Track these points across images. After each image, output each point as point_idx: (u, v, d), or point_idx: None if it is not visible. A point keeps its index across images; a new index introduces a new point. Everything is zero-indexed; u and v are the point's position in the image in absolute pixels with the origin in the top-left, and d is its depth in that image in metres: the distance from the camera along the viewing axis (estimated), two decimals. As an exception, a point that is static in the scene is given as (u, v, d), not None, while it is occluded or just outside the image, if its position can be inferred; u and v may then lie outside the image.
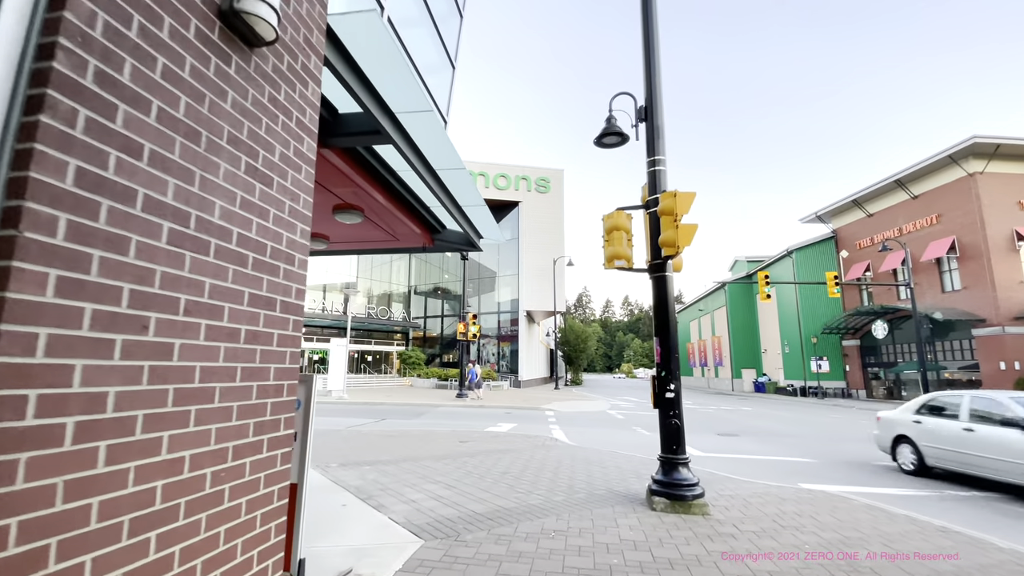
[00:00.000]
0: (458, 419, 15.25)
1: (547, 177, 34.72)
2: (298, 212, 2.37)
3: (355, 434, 10.88)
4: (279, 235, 2.22)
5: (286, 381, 2.25)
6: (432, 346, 38.21)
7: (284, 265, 2.25)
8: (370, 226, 5.89)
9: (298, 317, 2.36)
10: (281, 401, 2.20)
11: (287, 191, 2.29)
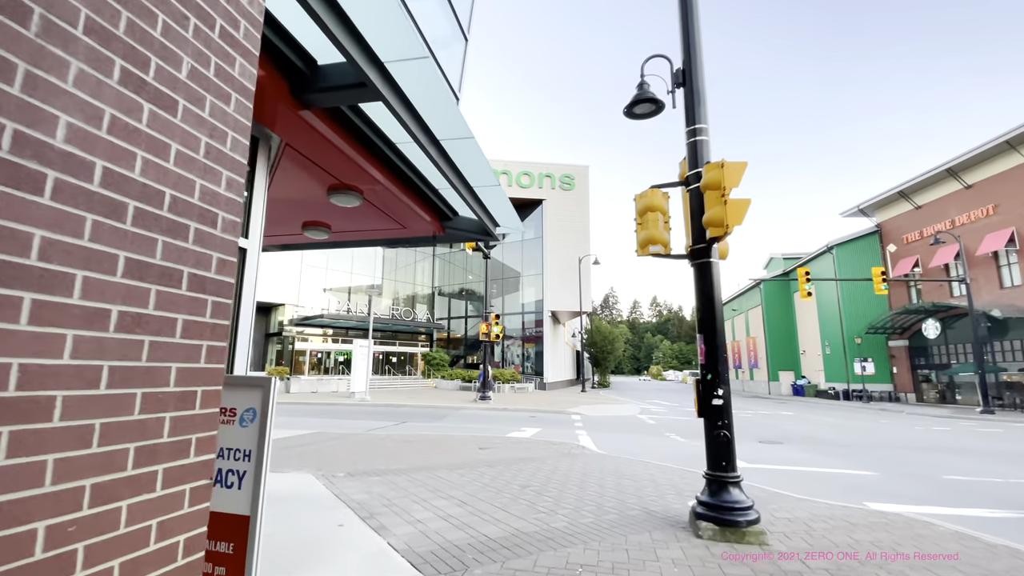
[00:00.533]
0: (480, 423, 14.61)
1: (571, 174, 33.86)
2: (224, 156, 1.74)
3: (371, 439, 10.36)
4: (188, 183, 1.59)
5: (202, 387, 1.61)
6: (456, 347, 37.79)
7: (197, 225, 1.61)
8: (373, 212, 5.29)
9: (225, 299, 1.72)
10: (189, 416, 1.56)
11: (204, 124, 1.65)
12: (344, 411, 17.37)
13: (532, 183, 33.43)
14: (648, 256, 5.01)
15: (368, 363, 22.33)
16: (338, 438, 10.43)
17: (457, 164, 4.39)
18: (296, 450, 8.71)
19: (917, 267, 31.52)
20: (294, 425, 13.20)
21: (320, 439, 10.18)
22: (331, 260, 32.66)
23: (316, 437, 10.45)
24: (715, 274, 4.77)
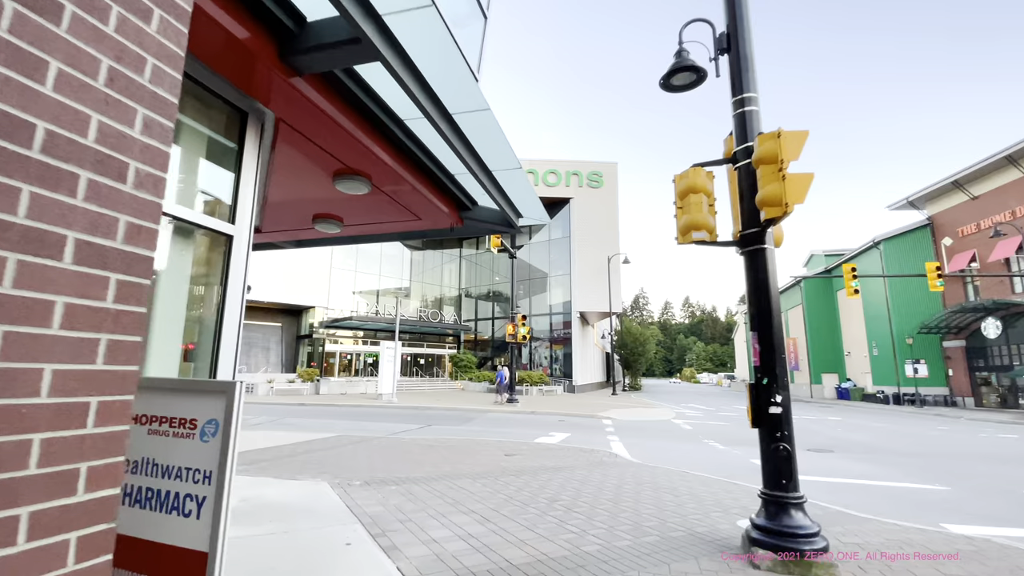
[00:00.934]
0: (507, 427, 14.13)
1: (599, 171, 33.08)
2: (139, 89, 1.30)
3: (394, 443, 10.01)
4: (75, 116, 1.15)
5: (99, 396, 1.17)
6: (484, 349, 37.46)
7: (91, 175, 1.18)
8: (384, 202, 4.88)
9: (139, 279, 1.28)
10: (76, 437, 1.12)
11: (105, 41, 1.22)
12: (370, 413, 17.20)
13: (559, 181, 32.81)
14: (690, 244, 4.42)
15: (395, 365, 22.18)
16: (360, 442, 10.13)
17: (472, 142, 3.92)
18: (317, 455, 8.42)
19: (974, 262, 29.38)
20: (319, 428, 13.02)
21: (342, 443, 9.90)
22: (360, 263, 32.88)
23: (339, 441, 10.18)
24: (770, 262, 4.15)
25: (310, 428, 13.19)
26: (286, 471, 6.96)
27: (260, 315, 30.49)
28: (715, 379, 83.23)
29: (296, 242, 6.65)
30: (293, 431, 12.17)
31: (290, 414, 16.59)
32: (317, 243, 6.71)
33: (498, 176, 4.70)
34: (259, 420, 14.88)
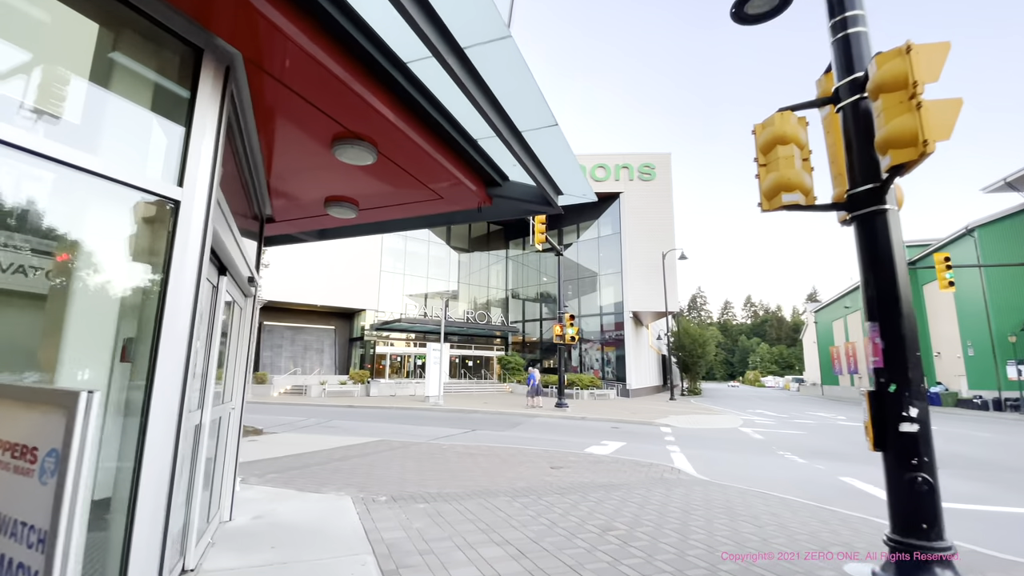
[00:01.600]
0: (555, 433, 13.24)
1: (651, 163, 31.47)
2: None
3: (433, 450, 9.40)
4: None
5: None
6: (532, 351, 36.65)
7: None
8: (398, 177, 4.19)
9: None
10: None
11: None
12: (416, 416, 16.82)
13: (608, 175, 31.50)
14: (778, 210, 3.41)
15: (441, 367, 21.82)
16: (399, 448, 9.59)
17: (490, 85, 3.13)
18: (351, 462, 7.92)
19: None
20: (362, 432, 12.68)
21: (380, 449, 9.39)
22: (408, 265, 33.04)
23: (377, 447, 9.70)
24: (894, 228, 3.09)
25: (353, 432, 12.88)
26: (313, 481, 6.45)
27: (314, 318, 31.24)
28: (781, 382, 78.08)
29: (318, 232, 6.12)
30: (336, 434, 11.87)
31: (338, 416, 16.49)
32: (340, 233, 6.16)
33: (529, 139, 3.89)
34: (308, 422, 14.80)
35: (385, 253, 32.09)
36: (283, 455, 8.49)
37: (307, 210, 4.95)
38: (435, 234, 35.35)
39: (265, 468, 7.34)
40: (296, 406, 20.35)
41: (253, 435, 11.16)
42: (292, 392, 25.56)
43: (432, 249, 34.96)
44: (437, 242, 35.43)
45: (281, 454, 8.58)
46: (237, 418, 4.74)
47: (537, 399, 20.89)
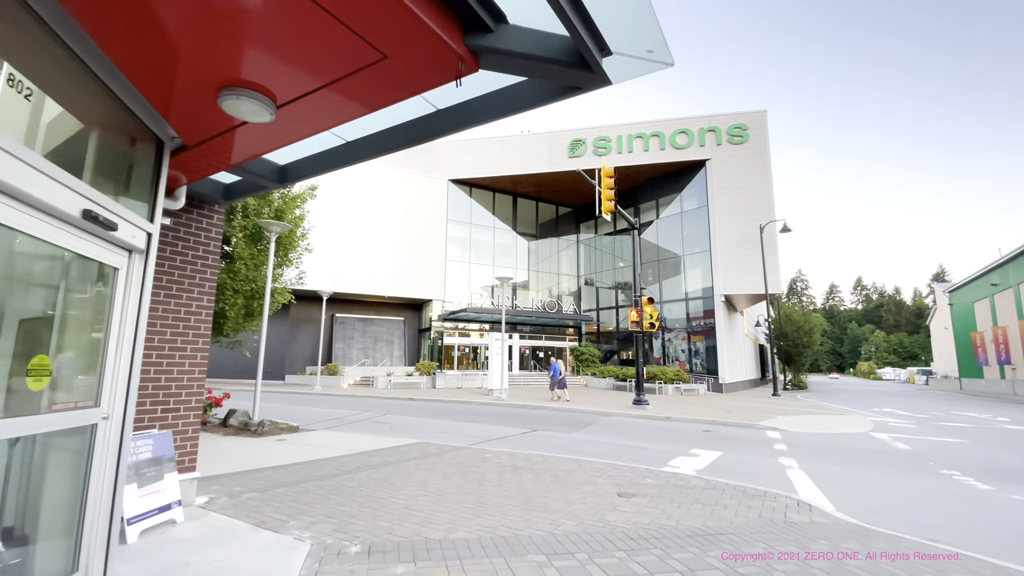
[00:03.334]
0: (631, 437, 10.91)
1: (743, 124, 27.34)
2: None
3: (472, 460, 7.59)
4: None
5: None
6: (608, 341, 33.93)
7: None
8: (308, 18, 2.29)
9: None
10: None
11: None
12: (473, 412, 15.22)
13: (691, 141, 27.87)
14: None
15: (504, 358, 20.13)
16: (434, 454, 7.90)
17: None
18: (362, 476, 6.31)
19: None
20: (410, 429, 11.23)
21: (411, 455, 7.76)
22: (473, 254, 31.79)
23: (409, 452, 8.08)
24: None
25: (400, 429, 11.50)
26: (290, 509, 4.86)
27: (384, 309, 31.01)
28: (903, 374, 67.59)
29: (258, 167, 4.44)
30: (377, 433, 10.51)
31: (394, 410, 15.34)
32: (300, 172, 4.44)
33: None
34: (359, 417, 13.72)
35: (450, 242, 31.02)
36: (294, 461, 7.12)
37: (195, 110, 3.20)
38: (500, 220, 33.72)
39: (255, 481, 5.92)
40: (359, 398, 19.69)
41: (287, 432, 10.09)
42: (360, 383, 25.26)
43: (498, 236, 33.38)
44: (503, 228, 33.78)
45: (294, 460, 7.22)
46: (116, 434, 3.14)
47: (563, 392, 18.94)
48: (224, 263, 11.03)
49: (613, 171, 14.12)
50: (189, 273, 5.04)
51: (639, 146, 28.79)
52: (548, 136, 30.03)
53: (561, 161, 29.60)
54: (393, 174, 29.80)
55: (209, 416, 10.89)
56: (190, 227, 5.09)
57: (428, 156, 32.17)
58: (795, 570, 3.64)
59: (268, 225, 10.80)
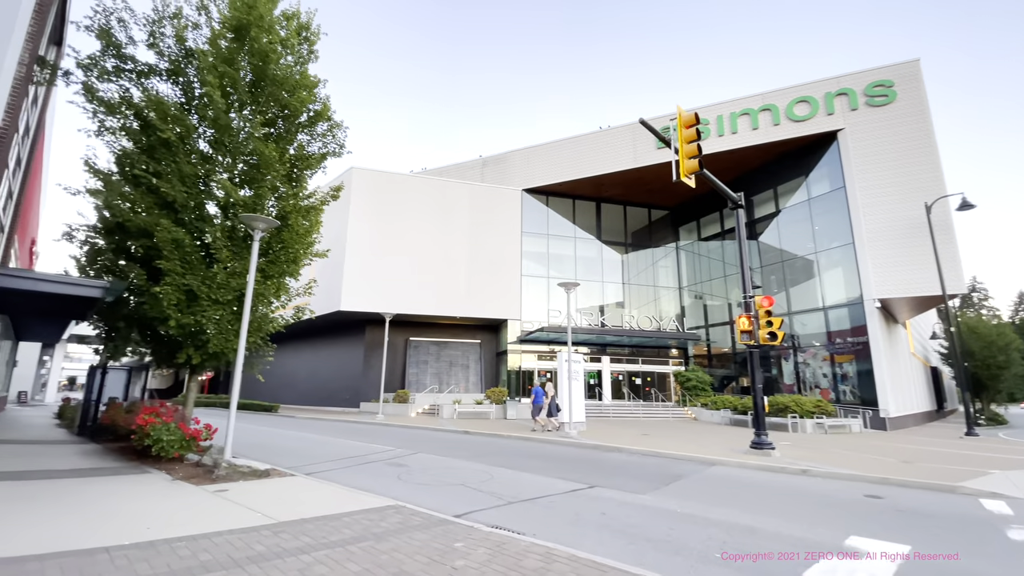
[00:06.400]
0: (738, 506, 6.78)
1: (887, 79, 21.18)
2: None
3: (427, 552, 4.37)
4: None
5: None
6: (723, 364, 28.16)
7: None
8: None
9: None
10: None
11: None
12: (525, 453, 11.83)
13: (814, 111, 22.26)
14: None
15: (578, 384, 16.46)
16: (377, 536, 4.81)
17: None
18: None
19: None
20: (423, 477, 8.22)
21: (340, 534, 4.76)
22: (552, 269, 28.59)
23: (355, 523, 5.10)
24: None
25: (413, 475, 8.61)
26: None
27: (459, 332, 28.94)
28: None
29: None
30: (369, 484, 7.68)
31: (432, 447, 12.52)
32: None
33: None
34: (382, 456, 11.14)
35: (526, 257, 28.23)
36: (141, 540, 4.49)
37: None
38: (583, 229, 30.20)
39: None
40: (410, 430, 17.29)
41: (250, 478, 7.70)
42: (428, 412, 23.07)
43: (580, 248, 29.84)
44: (586, 238, 30.16)
45: (154, 536, 4.61)
46: None
47: (550, 420, 16.27)
48: (203, 266, 9.27)
49: (695, 117, 10.22)
50: None
51: (745, 125, 23.78)
52: (631, 128, 26.26)
53: (648, 154, 25.55)
54: (460, 189, 28.10)
55: (191, 450, 8.93)
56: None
57: (499, 166, 30.14)
58: None
59: (251, 221, 8.81)
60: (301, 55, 11.09)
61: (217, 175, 9.62)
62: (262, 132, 9.99)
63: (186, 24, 9.85)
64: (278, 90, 10.18)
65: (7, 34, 6.75)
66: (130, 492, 6.48)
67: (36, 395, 35.17)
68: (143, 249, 9.16)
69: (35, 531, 4.59)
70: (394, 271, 25.56)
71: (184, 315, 8.96)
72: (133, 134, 9.35)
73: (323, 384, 30.30)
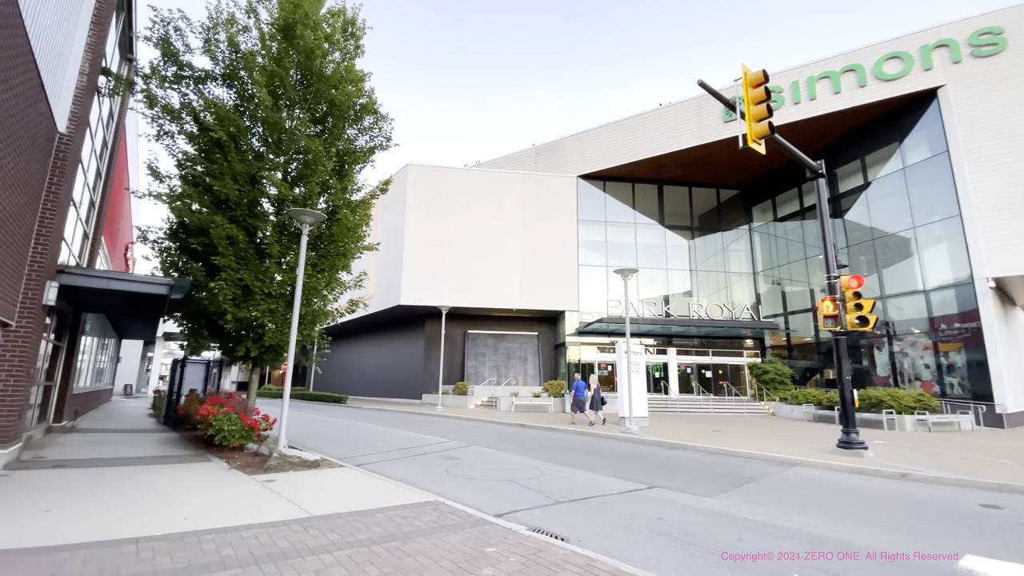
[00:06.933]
0: (821, 514, 5.86)
1: (996, 26, 18.17)
2: None
3: (454, 557, 4.01)
4: None
5: None
6: (805, 355, 25.82)
7: None
8: None
9: None
10: None
11: None
12: (581, 449, 11.25)
13: (908, 67, 19.58)
14: None
15: (639, 376, 15.58)
16: (404, 537, 4.52)
17: None
18: None
19: None
20: (471, 471, 7.97)
21: (369, 531, 4.52)
22: (611, 258, 27.48)
23: (386, 520, 4.87)
24: None
25: (461, 469, 8.38)
26: None
27: (516, 324, 28.66)
28: None
29: None
30: (417, 477, 7.51)
31: (485, 440, 12.28)
32: None
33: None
34: (434, 448, 11.05)
35: (582, 247, 27.32)
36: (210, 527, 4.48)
37: None
38: (643, 215, 28.78)
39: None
40: (466, 422, 17.22)
41: (300, 468, 7.77)
42: (486, 405, 22.99)
43: (641, 235, 28.46)
44: (647, 223, 28.70)
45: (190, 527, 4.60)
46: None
47: (593, 414, 15.62)
48: (258, 260, 9.51)
49: (764, 75, 9.03)
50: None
51: (825, 89, 21.45)
52: (695, 103, 24.55)
53: (714, 128, 23.75)
54: (514, 179, 27.67)
55: (251, 440, 9.22)
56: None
57: (552, 154, 29.39)
58: None
59: (299, 215, 8.89)
60: (348, 51, 11.12)
61: (268, 173, 9.82)
62: (312, 130, 10.11)
63: (238, 30, 10.11)
64: (326, 87, 10.24)
65: (67, 45, 7.10)
66: (185, 481, 6.67)
67: (141, 388, 39.13)
68: (201, 247, 9.52)
69: (83, 519, 4.72)
70: (450, 264, 25.69)
71: (240, 309, 9.23)
72: (191, 137, 9.74)
73: (388, 377, 31.23)
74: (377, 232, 29.57)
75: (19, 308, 6.99)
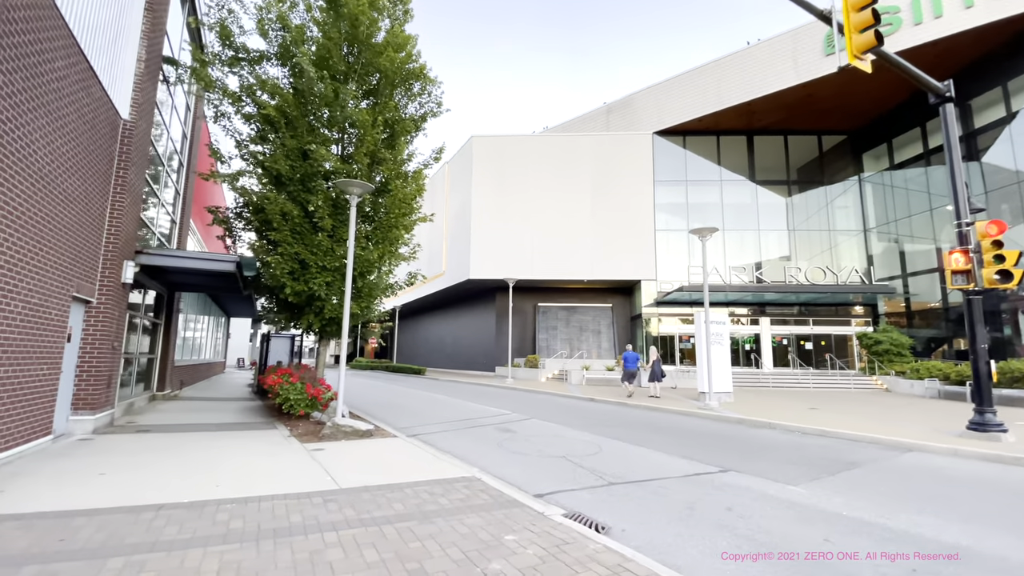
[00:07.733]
0: (939, 514, 4.66)
1: None
2: None
3: (468, 546, 3.58)
4: None
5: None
6: (928, 323, 22.22)
7: None
8: None
9: None
10: None
11: None
12: (649, 425, 10.39)
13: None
14: None
15: (721, 348, 14.17)
16: (423, 516, 4.17)
17: None
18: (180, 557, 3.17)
19: None
20: (525, 445, 7.59)
21: (389, 505, 4.24)
22: (692, 220, 25.28)
23: (414, 494, 4.58)
24: None
25: (517, 442, 8.01)
26: None
27: (588, 296, 27.64)
28: None
29: None
30: (467, 449, 7.25)
31: (547, 414, 11.84)
32: None
33: None
34: (494, 420, 10.83)
35: (660, 210, 25.40)
36: (233, 496, 4.48)
37: None
38: (730, 171, 26.04)
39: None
40: (534, 394, 16.90)
41: (353, 437, 7.82)
42: (557, 378, 22.52)
43: (728, 193, 25.84)
44: (735, 180, 25.95)
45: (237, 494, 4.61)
46: None
47: (653, 386, 15.14)
48: (314, 235, 9.62)
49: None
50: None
51: (954, 4, 17.62)
52: (790, 36, 21.42)
53: (815, 64, 20.54)
54: (583, 142, 26.21)
55: (316, 408, 9.54)
56: None
57: (625, 110, 27.42)
58: None
59: (346, 186, 8.78)
60: (396, 16, 10.76)
61: (319, 147, 9.83)
62: (364, 103, 9.96)
63: (289, 6, 10.09)
64: (373, 55, 9.99)
65: (120, 31, 7.33)
66: (243, 447, 6.90)
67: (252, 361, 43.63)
68: (260, 223, 9.80)
69: (127, 483, 4.91)
70: (518, 236, 25.19)
71: (298, 283, 9.42)
72: (247, 117, 9.97)
73: (463, 349, 31.83)
74: (446, 207, 29.77)
75: (98, 287, 7.54)
